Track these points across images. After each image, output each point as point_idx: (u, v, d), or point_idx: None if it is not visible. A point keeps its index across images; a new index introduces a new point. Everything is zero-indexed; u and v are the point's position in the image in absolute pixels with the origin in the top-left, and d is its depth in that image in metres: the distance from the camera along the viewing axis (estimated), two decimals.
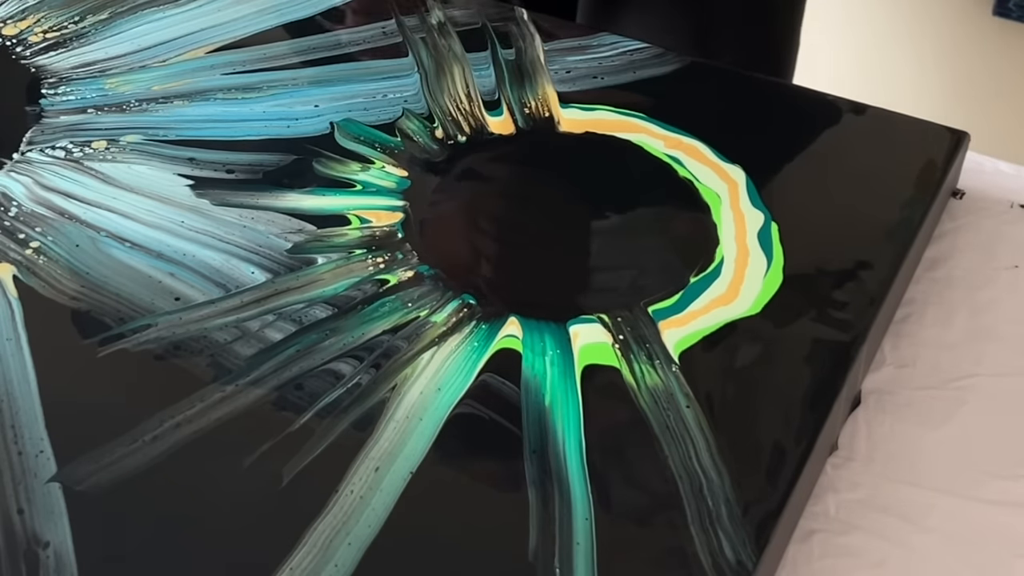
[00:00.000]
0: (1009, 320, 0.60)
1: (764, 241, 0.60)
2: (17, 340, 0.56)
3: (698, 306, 0.57)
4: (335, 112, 0.68)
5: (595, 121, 0.67)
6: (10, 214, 0.63)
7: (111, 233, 0.61)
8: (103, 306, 0.57)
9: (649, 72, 0.70)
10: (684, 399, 0.52)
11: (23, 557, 0.47)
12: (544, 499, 0.49)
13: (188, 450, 0.51)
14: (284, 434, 0.51)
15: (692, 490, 0.49)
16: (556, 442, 0.51)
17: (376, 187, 0.64)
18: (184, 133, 0.68)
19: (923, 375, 0.58)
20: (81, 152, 0.66)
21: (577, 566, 0.46)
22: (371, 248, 0.60)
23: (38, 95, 0.71)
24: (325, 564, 0.46)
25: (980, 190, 0.67)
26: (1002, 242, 0.64)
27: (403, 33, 0.74)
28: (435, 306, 0.57)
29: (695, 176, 0.63)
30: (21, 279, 0.59)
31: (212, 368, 0.54)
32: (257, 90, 0.70)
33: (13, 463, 0.50)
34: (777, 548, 0.49)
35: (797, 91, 0.66)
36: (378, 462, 0.50)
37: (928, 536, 0.52)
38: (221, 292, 0.58)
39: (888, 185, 0.63)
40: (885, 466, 0.54)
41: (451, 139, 0.66)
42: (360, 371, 0.54)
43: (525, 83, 0.70)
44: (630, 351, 0.54)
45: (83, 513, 0.48)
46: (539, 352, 0.54)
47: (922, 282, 0.62)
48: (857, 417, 0.56)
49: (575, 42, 0.72)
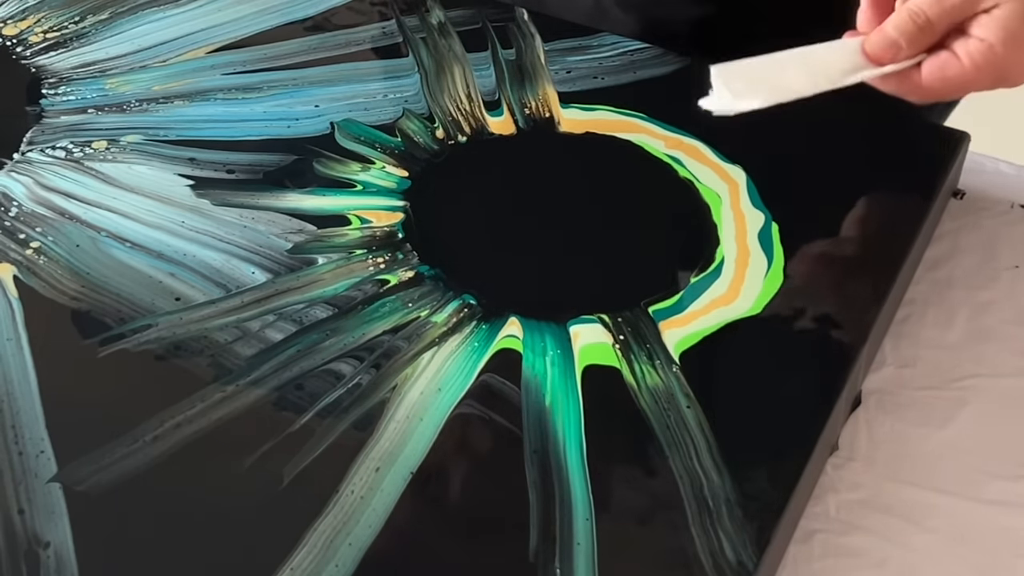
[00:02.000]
0: (1009, 320, 0.60)
1: (764, 241, 0.60)
2: (17, 340, 0.56)
3: (698, 306, 0.57)
4: (335, 112, 0.68)
5: (595, 121, 0.67)
6: (10, 214, 0.63)
7: (111, 233, 0.61)
8: (103, 306, 0.57)
9: (649, 72, 0.70)
10: (685, 399, 0.52)
11: (23, 557, 0.47)
12: (544, 499, 0.48)
13: (188, 450, 0.51)
14: (284, 434, 0.51)
15: (692, 490, 0.49)
16: (556, 442, 0.51)
17: (376, 187, 0.64)
18: (184, 133, 0.68)
19: (924, 375, 0.58)
20: (81, 152, 0.66)
21: (577, 566, 0.46)
22: (371, 248, 0.60)
23: (38, 95, 0.71)
24: (326, 564, 0.46)
25: (980, 190, 0.67)
26: (1002, 242, 0.64)
27: (403, 33, 0.74)
28: (435, 306, 0.57)
29: (695, 176, 0.63)
30: (21, 279, 0.59)
31: (212, 368, 0.54)
32: (257, 90, 0.70)
33: (13, 463, 0.50)
34: (778, 548, 0.49)
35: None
36: (378, 462, 0.50)
37: (929, 536, 0.51)
38: (221, 292, 0.58)
39: (888, 185, 0.63)
40: (886, 466, 0.54)
41: (451, 139, 0.66)
42: (360, 371, 0.54)
43: (525, 83, 0.70)
44: (630, 351, 0.54)
45: (83, 513, 0.48)
46: (539, 352, 0.54)
47: (923, 282, 0.62)
48: (857, 417, 0.56)
49: (575, 42, 0.72)
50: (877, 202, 0.62)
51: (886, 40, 0.55)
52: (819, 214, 0.62)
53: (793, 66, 0.57)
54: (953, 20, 0.54)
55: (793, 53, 0.57)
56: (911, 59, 0.55)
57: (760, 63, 0.57)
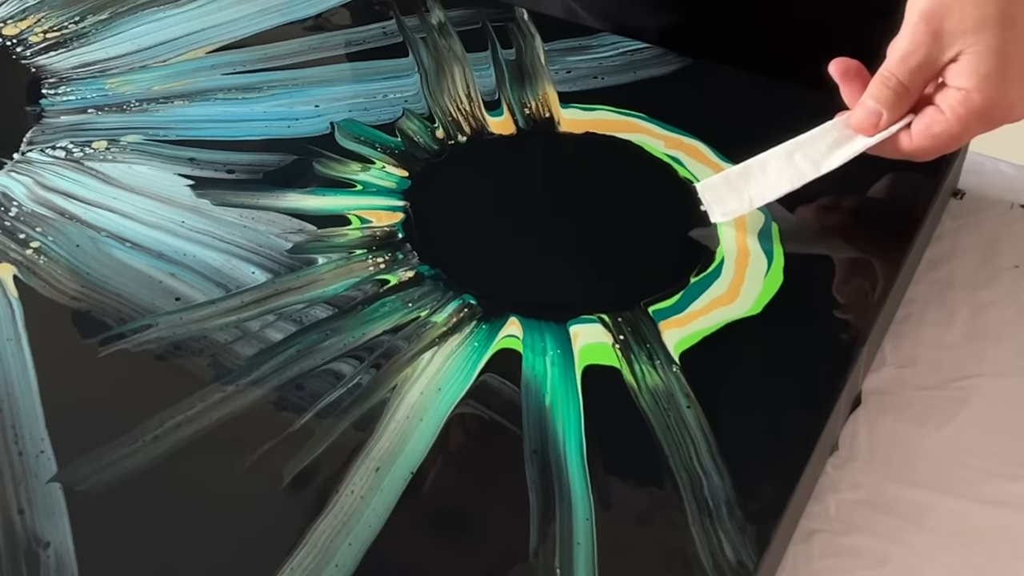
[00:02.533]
0: (1009, 320, 0.60)
1: (764, 241, 0.60)
2: (17, 340, 0.56)
3: (698, 306, 0.57)
4: (335, 112, 0.68)
5: (595, 121, 0.67)
6: (10, 214, 0.63)
7: (112, 233, 0.61)
8: (103, 306, 0.57)
9: (649, 72, 0.70)
10: (685, 399, 0.52)
11: (24, 557, 0.47)
12: (544, 499, 0.48)
13: (188, 450, 0.51)
14: (285, 434, 0.51)
15: (692, 490, 0.49)
16: (556, 442, 0.51)
17: (376, 187, 0.64)
18: (184, 133, 0.68)
19: (923, 375, 0.58)
20: (81, 152, 0.66)
21: (577, 566, 0.46)
22: (371, 248, 0.60)
23: (38, 95, 0.71)
24: (326, 564, 0.46)
25: (980, 190, 0.67)
26: (1002, 242, 0.64)
27: (403, 33, 0.74)
28: (435, 306, 0.57)
29: (695, 176, 0.63)
30: (21, 279, 0.59)
31: (213, 368, 0.54)
32: (257, 90, 0.70)
33: (14, 463, 0.50)
34: (778, 548, 0.49)
35: (797, 91, 0.66)
36: (378, 462, 0.50)
37: (929, 536, 0.52)
38: (222, 292, 0.58)
39: (888, 185, 0.63)
40: (886, 466, 0.54)
41: (451, 139, 0.66)
42: (360, 371, 0.54)
43: (525, 83, 0.70)
44: (630, 351, 0.54)
45: (83, 513, 0.48)
46: (539, 352, 0.54)
47: (922, 282, 0.62)
48: (857, 417, 0.56)
49: (575, 42, 0.72)
50: (877, 202, 0.62)
51: (866, 111, 0.56)
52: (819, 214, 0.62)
53: (776, 164, 0.58)
54: (926, 76, 0.55)
55: (777, 150, 0.59)
56: (899, 122, 0.56)
57: (741, 170, 0.59)
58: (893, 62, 0.55)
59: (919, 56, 0.54)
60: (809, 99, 0.62)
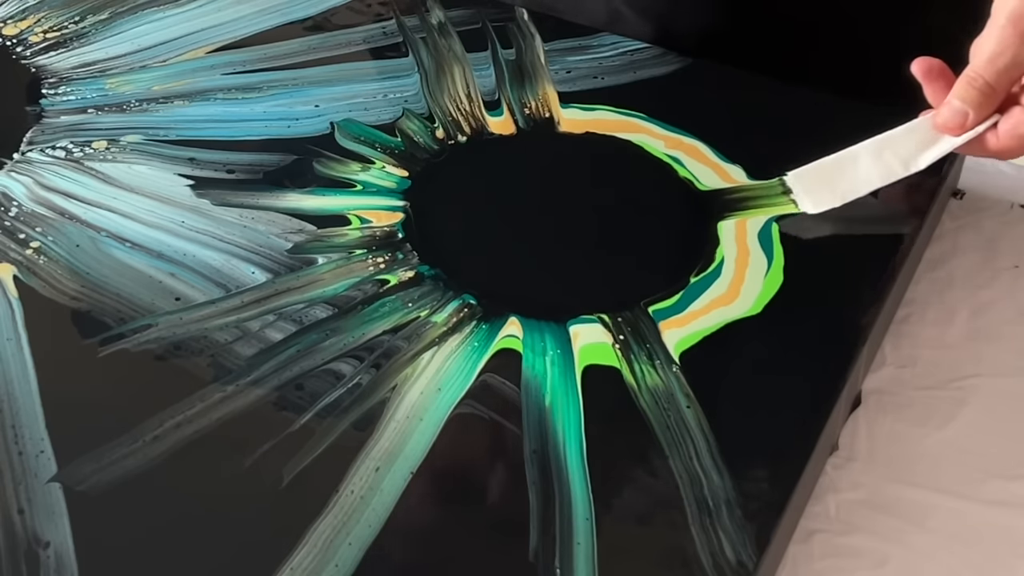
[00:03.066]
0: (1009, 320, 0.60)
1: (764, 241, 0.60)
2: (17, 340, 0.56)
3: (698, 306, 0.57)
4: (335, 112, 0.68)
5: (595, 121, 0.67)
6: (10, 214, 0.63)
7: (111, 233, 0.61)
8: (103, 306, 0.57)
9: (649, 72, 0.70)
10: (684, 399, 0.52)
11: (23, 557, 0.47)
12: (544, 499, 0.48)
13: (188, 450, 0.51)
14: (284, 434, 0.51)
15: (692, 490, 0.49)
16: (556, 442, 0.51)
17: (376, 187, 0.64)
18: (184, 133, 0.68)
19: (923, 375, 0.58)
20: (81, 152, 0.66)
21: (577, 566, 0.46)
22: (371, 248, 0.60)
23: (38, 95, 0.71)
24: (325, 564, 0.46)
25: (980, 190, 0.67)
26: (1002, 242, 0.64)
27: (403, 33, 0.74)
28: (435, 306, 0.57)
29: (695, 176, 0.63)
30: (21, 279, 0.59)
31: (212, 368, 0.54)
32: (257, 90, 0.70)
33: (13, 463, 0.50)
34: (778, 548, 0.49)
35: (797, 91, 0.66)
36: (378, 462, 0.50)
37: (928, 536, 0.52)
38: (221, 292, 0.58)
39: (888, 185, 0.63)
40: (885, 466, 0.54)
41: (451, 139, 0.66)
42: (360, 371, 0.54)
43: (525, 83, 0.70)
44: (630, 351, 0.54)
45: (83, 513, 0.48)
46: (539, 352, 0.54)
47: (922, 282, 0.62)
48: (857, 417, 0.56)
49: (575, 42, 0.72)
50: (877, 202, 0.62)
51: (952, 111, 0.55)
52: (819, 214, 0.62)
53: (867, 159, 0.58)
54: (1012, 77, 0.55)
55: (867, 144, 0.58)
56: (985, 122, 0.56)
57: (833, 162, 0.58)
58: (980, 63, 0.55)
59: (1007, 58, 0.54)
60: (810, 98, 0.62)
